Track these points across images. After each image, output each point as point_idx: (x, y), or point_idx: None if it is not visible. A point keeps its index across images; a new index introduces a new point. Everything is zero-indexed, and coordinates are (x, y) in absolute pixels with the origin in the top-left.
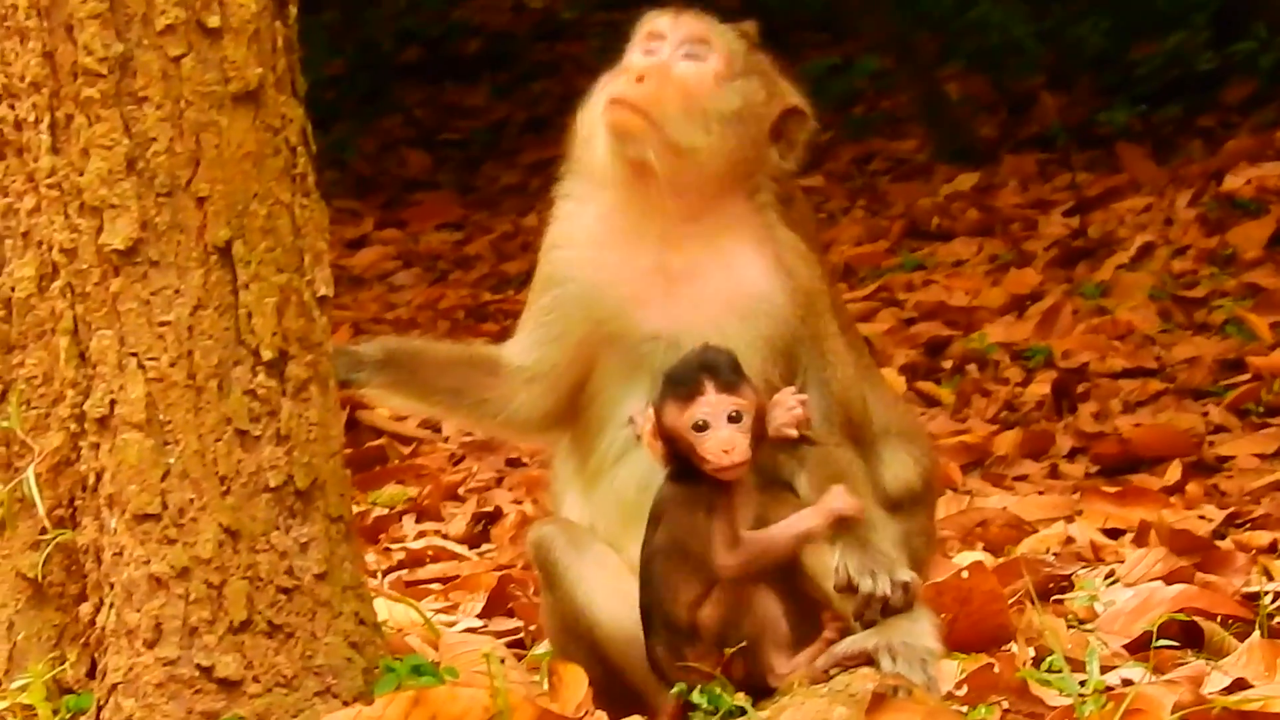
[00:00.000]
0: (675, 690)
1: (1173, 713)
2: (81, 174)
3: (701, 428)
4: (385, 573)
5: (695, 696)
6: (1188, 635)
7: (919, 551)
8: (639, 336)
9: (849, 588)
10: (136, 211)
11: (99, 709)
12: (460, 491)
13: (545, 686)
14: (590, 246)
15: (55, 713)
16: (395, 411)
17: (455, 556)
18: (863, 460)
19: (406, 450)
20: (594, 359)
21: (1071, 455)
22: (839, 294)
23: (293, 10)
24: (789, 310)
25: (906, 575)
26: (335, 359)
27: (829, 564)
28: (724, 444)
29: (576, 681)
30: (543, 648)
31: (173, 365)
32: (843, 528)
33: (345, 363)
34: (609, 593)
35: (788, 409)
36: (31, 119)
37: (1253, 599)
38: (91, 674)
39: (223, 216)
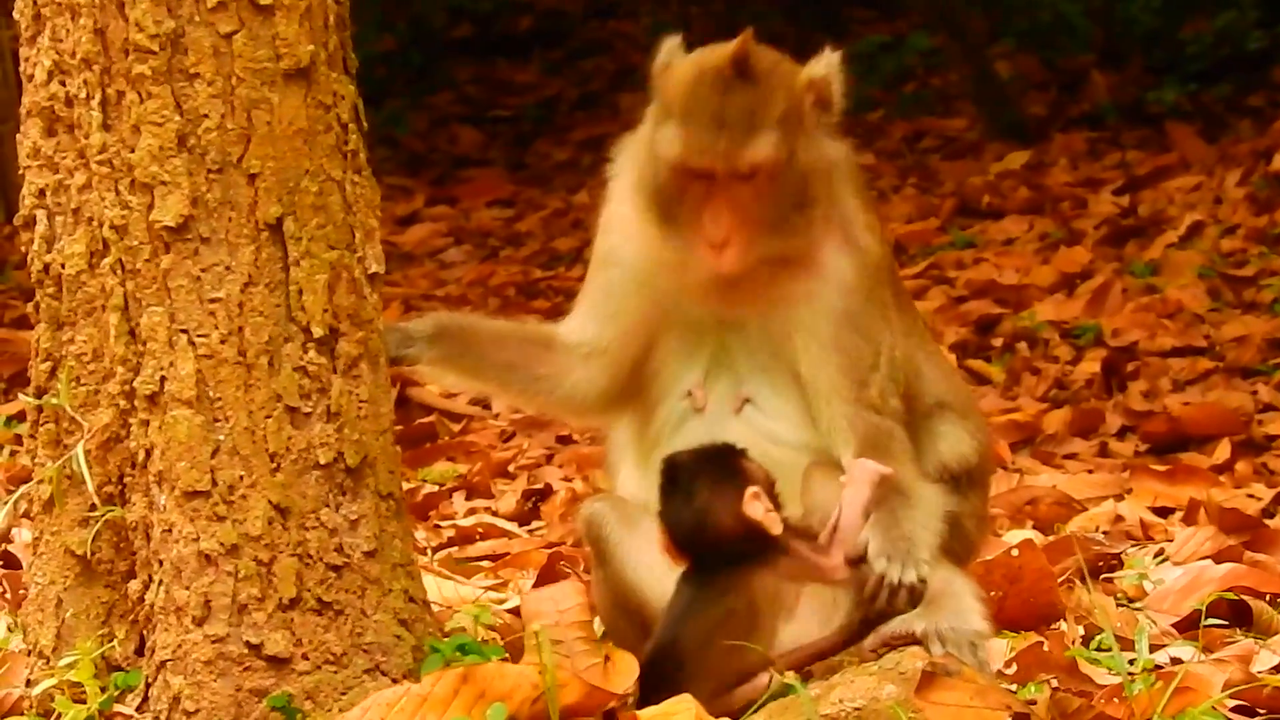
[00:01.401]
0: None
1: (1222, 691)
2: (132, 150)
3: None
4: (435, 550)
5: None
6: (1237, 614)
7: (970, 534)
8: (701, 315)
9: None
10: (187, 188)
11: (147, 686)
12: (510, 469)
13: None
14: (647, 226)
15: (103, 690)
16: (447, 389)
17: (505, 534)
18: (915, 435)
19: (457, 427)
20: (654, 337)
21: (1121, 433)
22: (895, 264)
23: None
24: (858, 281)
25: (923, 571)
26: (386, 335)
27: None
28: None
29: (627, 667)
30: (595, 623)
31: (223, 342)
32: (881, 499)
33: (396, 339)
34: (660, 570)
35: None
36: (83, 95)
37: None
38: (140, 651)
39: (274, 193)
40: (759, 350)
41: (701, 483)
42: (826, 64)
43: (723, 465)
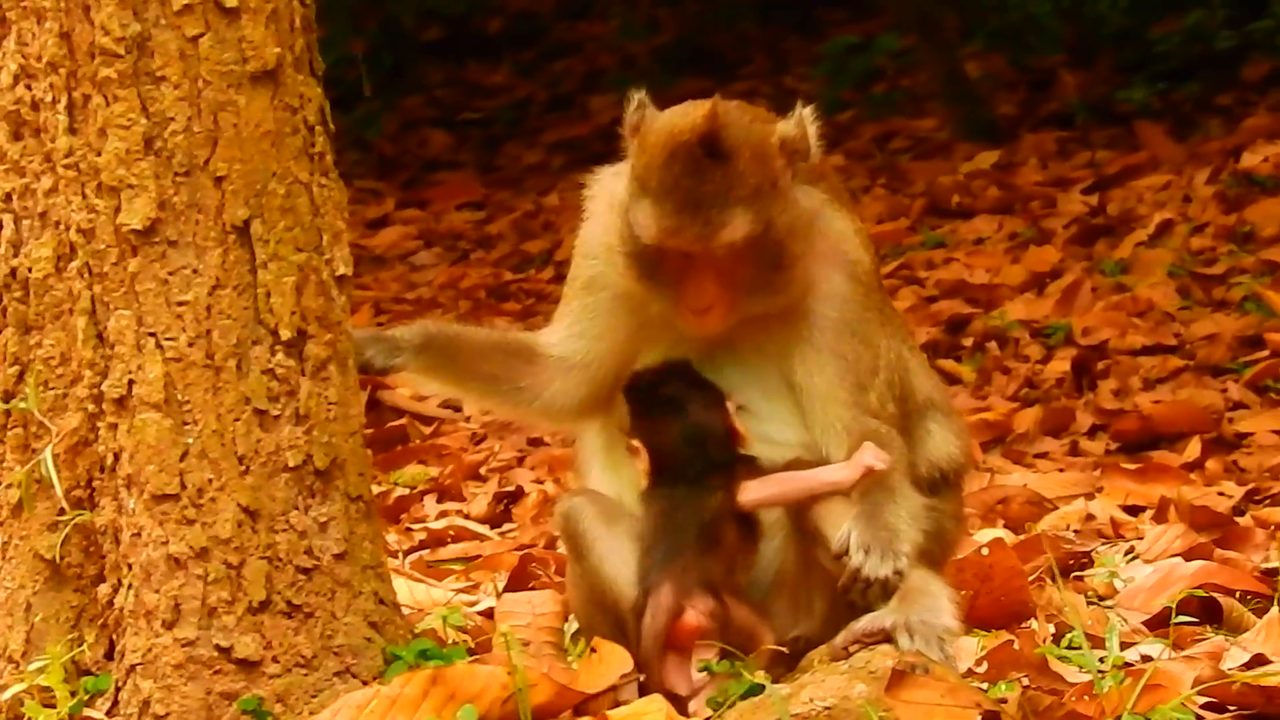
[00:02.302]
0: (700, 666)
1: (1192, 688)
2: (99, 154)
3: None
4: (407, 553)
5: (714, 667)
6: (1207, 611)
7: (950, 533)
8: (690, 335)
9: (845, 556)
10: (154, 191)
11: (117, 690)
12: (482, 471)
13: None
14: (629, 281)
15: (73, 694)
16: (427, 394)
17: (477, 536)
18: (907, 437)
19: (428, 430)
20: (639, 350)
21: (1092, 432)
22: (879, 269)
23: None
24: (852, 292)
25: (901, 564)
26: (374, 345)
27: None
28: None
29: (617, 661)
30: (566, 625)
31: (191, 345)
32: (866, 492)
33: (384, 349)
34: (638, 566)
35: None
36: (49, 99)
37: (1272, 575)
38: (110, 655)
39: (241, 196)
40: (749, 361)
41: (692, 399)
42: (798, 121)
43: (697, 381)
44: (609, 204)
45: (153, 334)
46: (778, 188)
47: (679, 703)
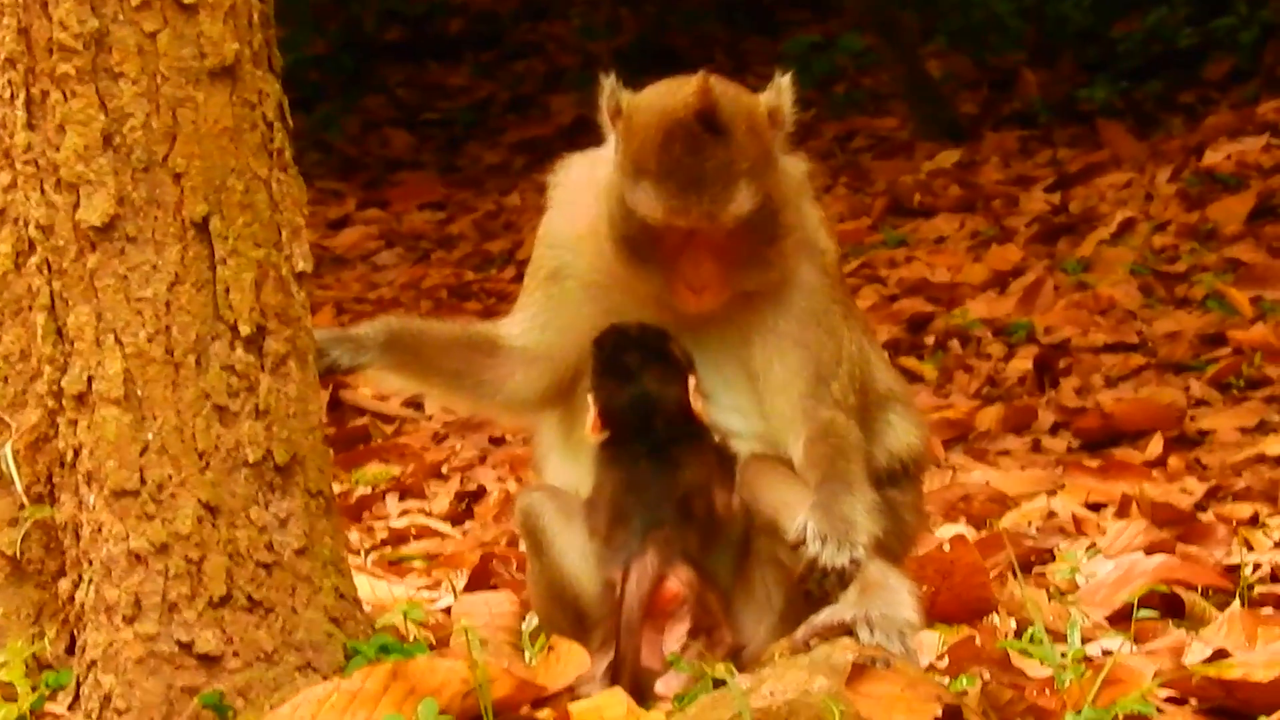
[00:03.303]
0: (670, 658)
1: (1153, 681)
2: (58, 150)
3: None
4: (369, 551)
5: (679, 666)
6: (1169, 606)
7: (910, 525)
8: (656, 321)
9: (802, 545)
10: (113, 187)
11: (78, 685)
12: (443, 470)
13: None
14: (593, 241)
15: (34, 689)
16: (390, 391)
17: (438, 534)
18: (866, 428)
19: (389, 429)
20: None
21: (1054, 430)
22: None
23: None
24: (820, 282)
25: (858, 554)
26: (339, 345)
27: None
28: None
29: (574, 660)
30: (525, 623)
31: (150, 341)
32: (823, 483)
33: (349, 349)
34: (597, 561)
35: None
36: (7, 95)
37: (1233, 570)
38: (71, 650)
39: (200, 192)
40: (712, 347)
41: (650, 370)
42: (780, 89)
43: (663, 353)
44: (582, 192)
45: (112, 330)
46: (771, 159)
47: (649, 677)
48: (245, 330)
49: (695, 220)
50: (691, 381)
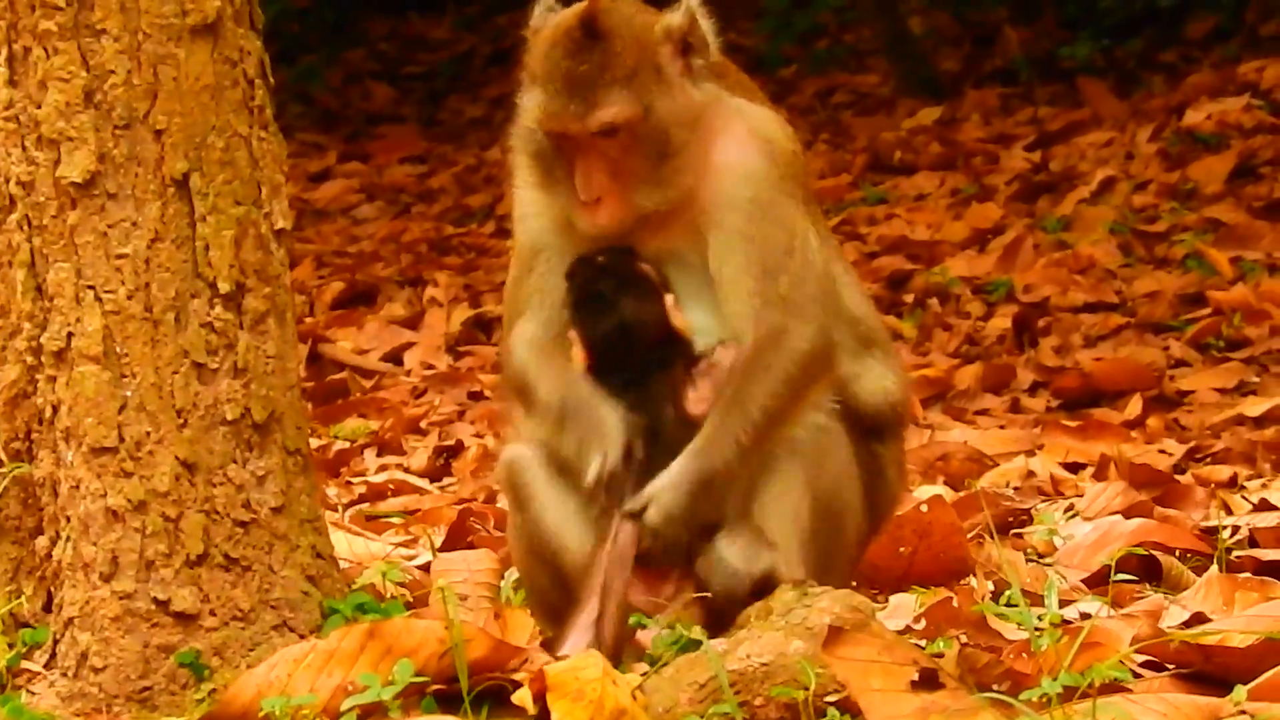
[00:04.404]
0: (633, 621)
1: (1130, 646)
2: (39, 106)
3: None
4: (346, 506)
5: (651, 626)
6: (1146, 569)
7: (891, 485)
8: (589, 232)
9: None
10: (94, 144)
11: (55, 643)
12: (422, 425)
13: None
14: (535, 190)
15: (11, 646)
16: None
17: (416, 490)
18: (836, 362)
19: (368, 384)
20: None
21: (1032, 389)
22: (808, 174)
23: None
24: (765, 170)
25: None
26: None
27: None
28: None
29: (520, 626)
30: (504, 580)
31: (130, 298)
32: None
33: None
34: (579, 518)
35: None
36: None
37: (1211, 533)
38: (48, 608)
39: (180, 149)
40: (673, 256)
41: (626, 294)
42: (685, 11)
43: (634, 275)
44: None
45: (91, 287)
46: (661, 74)
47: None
48: (224, 288)
49: (565, 123)
50: (669, 299)
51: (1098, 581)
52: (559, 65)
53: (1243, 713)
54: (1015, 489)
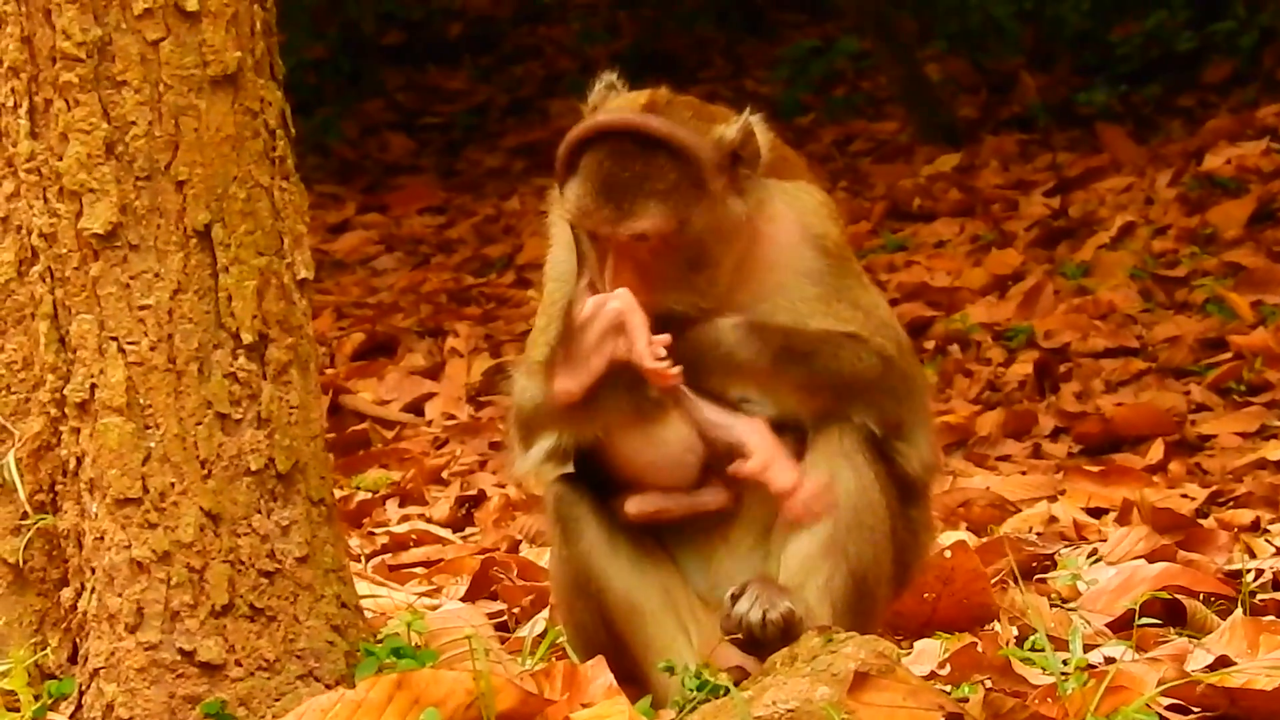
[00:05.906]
0: (662, 666)
1: (1156, 689)
2: (60, 158)
3: None
4: (369, 557)
5: (680, 674)
6: (1170, 613)
7: (924, 544)
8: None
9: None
10: (116, 195)
11: (81, 694)
12: (444, 475)
13: (527, 667)
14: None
15: (37, 698)
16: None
17: (439, 540)
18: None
19: (390, 434)
20: None
21: (1054, 435)
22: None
23: None
24: (822, 263)
25: (787, 606)
26: None
27: None
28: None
29: (598, 675)
30: (526, 629)
31: (153, 349)
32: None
33: None
34: (625, 553)
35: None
36: (10, 104)
37: (1235, 576)
38: (73, 659)
39: (202, 200)
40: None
41: None
42: (741, 127)
43: None
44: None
45: (114, 338)
46: (705, 188)
47: None
48: (247, 338)
49: (597, 224)
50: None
51: (1122, 626)
52: (601, 166)
53: None
54: (1038, 534)
